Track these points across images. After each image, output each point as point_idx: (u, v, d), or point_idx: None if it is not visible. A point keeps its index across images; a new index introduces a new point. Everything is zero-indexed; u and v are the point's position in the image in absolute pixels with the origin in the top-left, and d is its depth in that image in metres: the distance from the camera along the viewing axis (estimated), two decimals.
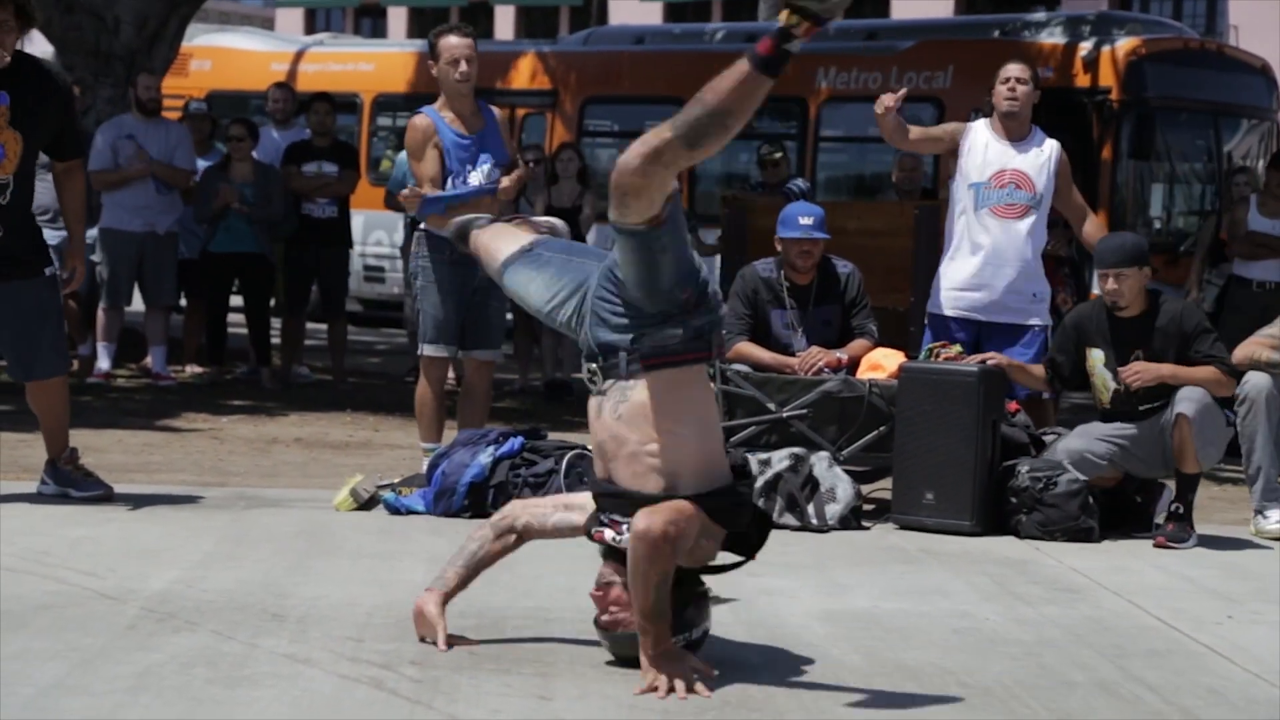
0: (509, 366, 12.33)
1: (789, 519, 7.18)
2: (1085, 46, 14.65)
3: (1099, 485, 7.30)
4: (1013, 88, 7.94)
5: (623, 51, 17.77)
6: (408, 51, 19.02)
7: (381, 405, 11.02)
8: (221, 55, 19.59)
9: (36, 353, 6.98)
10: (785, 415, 7.67)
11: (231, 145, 11.79)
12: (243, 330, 12.26)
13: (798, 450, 7.39)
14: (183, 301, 12.51)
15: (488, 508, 7.03)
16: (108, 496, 7.04)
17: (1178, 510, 7.14)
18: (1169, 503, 7.24)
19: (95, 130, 11.70)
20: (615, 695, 4.30)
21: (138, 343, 12.16)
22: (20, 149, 6.82)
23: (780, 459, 7.31)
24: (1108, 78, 14.42)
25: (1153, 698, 4.57)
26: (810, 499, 7.22)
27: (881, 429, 7.58)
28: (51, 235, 8.34)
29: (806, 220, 7.93)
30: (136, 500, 7.04)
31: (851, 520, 7.25)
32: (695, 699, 4.31)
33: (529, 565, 5.58)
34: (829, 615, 5.43)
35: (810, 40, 4.13)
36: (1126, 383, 7.21)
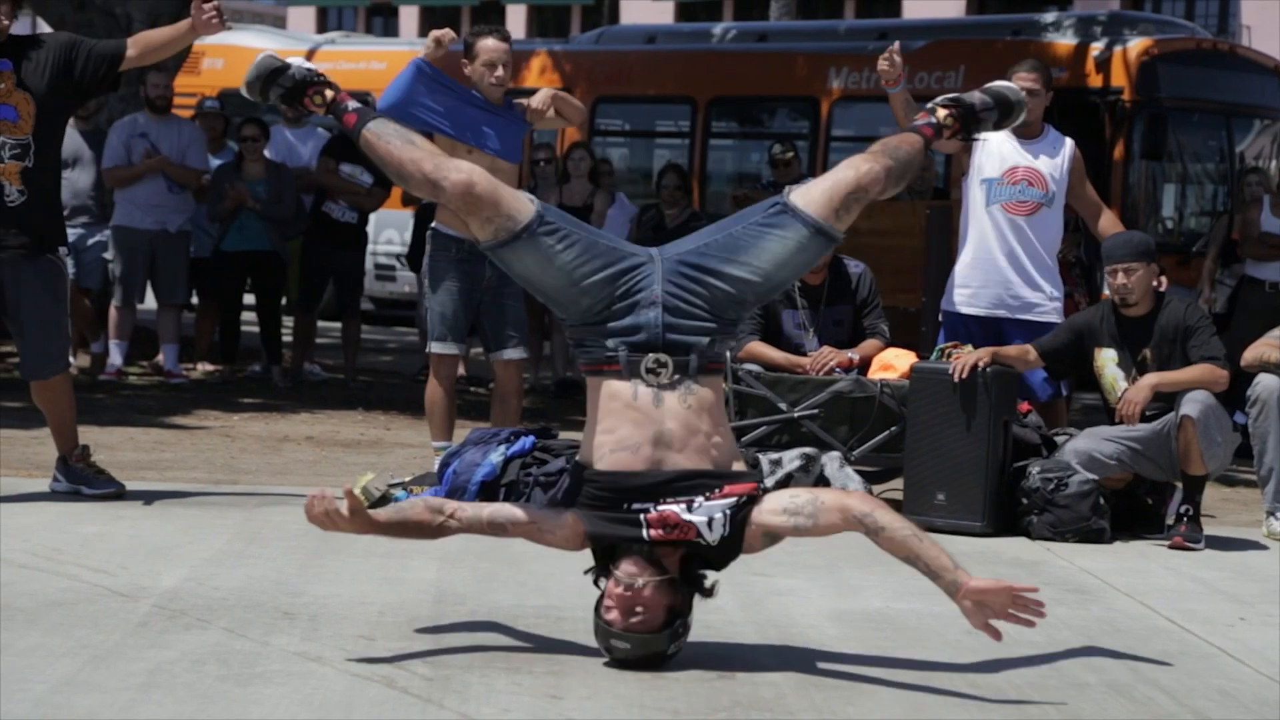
0: None
1: None
2: (1097, 47, 14.62)
3: (1109, 486, 7.29)
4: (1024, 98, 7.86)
5: (634, 51, 17.76)
6: (419, 50, 18.99)
7: (393, 404, 11.02)
8: (234, 53, 19.59)
9: (46, 348, 6.99)
10: (797, 415, 7.67)
11: (245, 145, 11.80)
12: (255, 328, 12.27)
13: (809, 450, 7.39)
14: (195, 300, 12.52)
15: None
16: (119, 494, 7.05)
17: (1187, 512, 7.13)
18: (1178, 505, 7.24)
19: (109, 129, 11.72)
20: (626, 695, 4.30)
21: (150, 341, 12.17)
22: (33, 109, 6.84)
23: (791, 459, 7.30)
24: (1120, 78, 14.39)
25: (1165, 699, 4.57)
26: None
27: (893, 429, 7.58)
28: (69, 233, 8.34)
29: None
30: (148, 498, 7.05)
31: None
32: (705, 699, 4.31)
33: (540, 563, 5.58)
34: (840, 616, 5.42)
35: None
36: (1123, 415, 7.18)
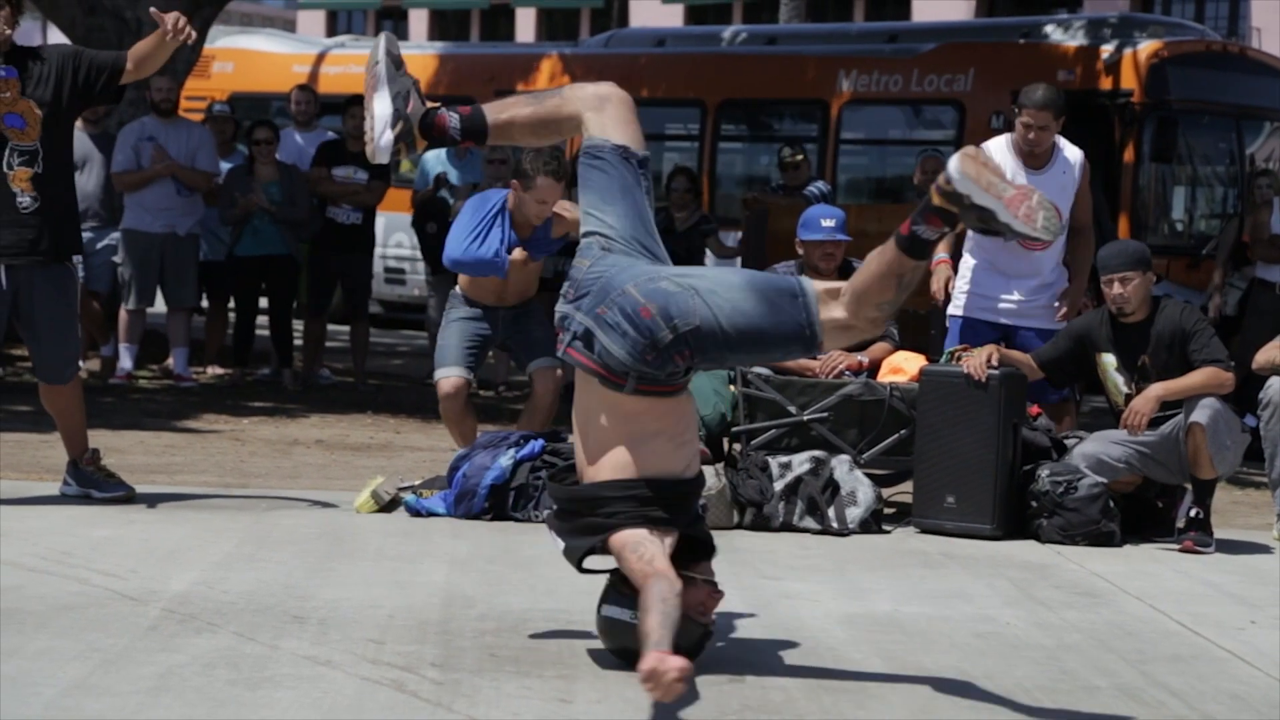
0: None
1: (809, 522, 7.17)
2: (1107, 49, 14.59)
3: (1119, 489, 7.28)
4: (1034, 136, 7.78)
5: (643, 54, 17.75)
6: (429, 54, 19.02)
7: (402, 407, 11.02)
8: (243, 57, 19.62)
9: (62, 353, 7.01)
10: (806, 418, 7.66)
11: (256, 148, 11.80)
12: (265, 332, 12.28)
13: (818, 453, 7.39)
14: (205, 303, 12.53)
15: (509, 510, 7.05)
16: (129, 498, 7.06)
17: (1197, 515, 7.12)
18: (1188, 508, 7.22)
19: (117, 132, 11.74)
20: (635, 698, 4.29)
21: (160, 344, 12.18)
22: (40, 115, 6.86)
23: (801, 462, 7.30)
24: (1129, 80, 14.37)
25: (1176, 703, 4.56)
26: (831, 502, 7.22)
27: (902, 432, 7.57)
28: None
29: (829, 223, 7.92)
30: (158, 501, 7.06)
31: (872, 524, 7.24)
32: (714, 702, 4.31)
33: (550, 567, 5.58)
34: (849, 619, 5.42)
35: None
36: (1130, 426, 7.16)
